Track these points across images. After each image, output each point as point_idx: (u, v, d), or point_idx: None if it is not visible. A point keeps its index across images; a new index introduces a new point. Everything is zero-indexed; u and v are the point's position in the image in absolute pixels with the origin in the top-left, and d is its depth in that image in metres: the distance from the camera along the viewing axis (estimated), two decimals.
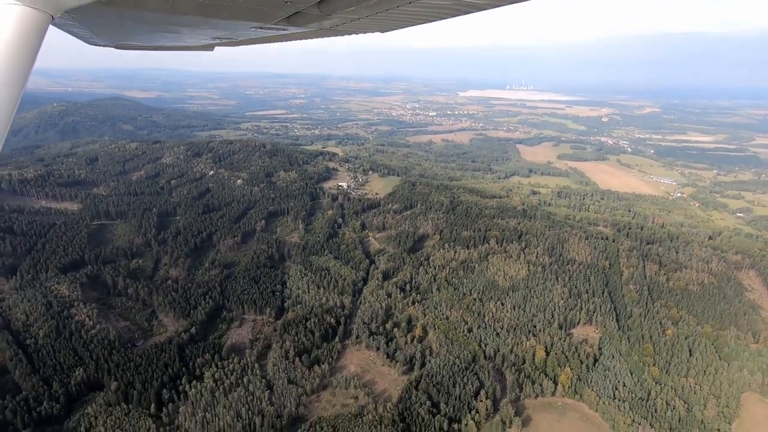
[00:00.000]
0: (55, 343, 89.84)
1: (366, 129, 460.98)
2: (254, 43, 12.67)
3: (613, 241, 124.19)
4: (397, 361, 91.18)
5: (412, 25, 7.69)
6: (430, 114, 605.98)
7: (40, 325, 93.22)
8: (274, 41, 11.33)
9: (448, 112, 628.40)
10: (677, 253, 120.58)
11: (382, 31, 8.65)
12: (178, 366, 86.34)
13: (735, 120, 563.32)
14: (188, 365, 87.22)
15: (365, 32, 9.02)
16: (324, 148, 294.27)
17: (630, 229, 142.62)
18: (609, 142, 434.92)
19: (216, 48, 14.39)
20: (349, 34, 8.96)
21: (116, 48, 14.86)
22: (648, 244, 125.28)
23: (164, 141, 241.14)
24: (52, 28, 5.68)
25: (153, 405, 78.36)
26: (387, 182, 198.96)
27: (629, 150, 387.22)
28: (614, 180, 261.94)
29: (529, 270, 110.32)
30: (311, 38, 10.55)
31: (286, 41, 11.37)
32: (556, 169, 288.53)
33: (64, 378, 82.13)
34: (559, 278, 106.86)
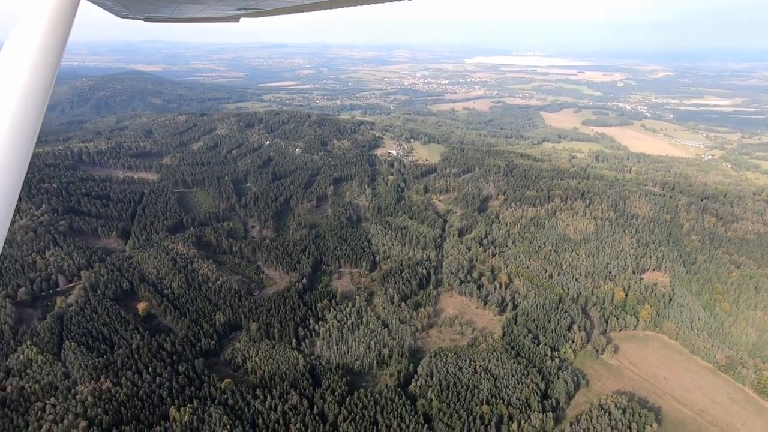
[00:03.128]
0: (188, 292, 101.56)
1: (384, 99, 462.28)
2: (279, 14, 12.36)
3: (671, 198, 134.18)
4: (491, 304, 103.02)
5: None
6: (443, 82, 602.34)
7: (171, 278, 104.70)
8: (300, 11, 10.99)
9: (460, 80, 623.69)
10: (731, 206, 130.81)
11: None
12: (304, 309, 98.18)
13: (752, 83, 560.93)
14: (311, 309, 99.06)
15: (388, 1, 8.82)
16: (353, 117, 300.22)
17: (673, 188, 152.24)
18: (627, 107, 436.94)
19: (241, 19, 14.15)
20: (374, 2, 8.82)
21: (145, 20, 14.81)
22: (702, 199, 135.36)
23: (211, 113, 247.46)
24: (83, 3, 5.56)
25: (294, 340, 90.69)
26: (431, 149, 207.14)
27: (648, 115, 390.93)
28: (643, 144, 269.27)
29: (596, 224, 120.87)
30: (336, 7, 10.15)
31: (312, 11, 10.99)
32: (585, 135, 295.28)
33: (209, 320, 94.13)
34: (626, 231, 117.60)
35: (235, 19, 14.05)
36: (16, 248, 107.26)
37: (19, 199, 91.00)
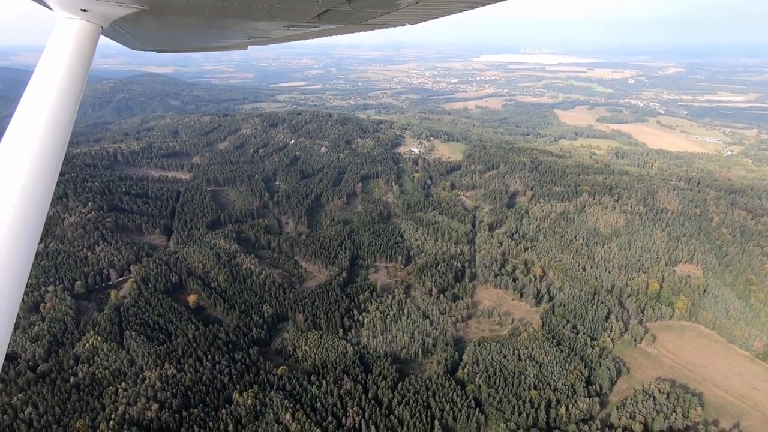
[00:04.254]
0: (234, 285, 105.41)
1: (396, 98, 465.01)
2: (287, 41, 12.38)
3: (698, 192, 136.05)
4: (527, 296, 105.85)
5: (442, 16, 7.63)
6: (452, 81, 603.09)
7: (217, 271, 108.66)
8: (306, 38, 11.13)
9: (470, 79, 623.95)
10: (760, 200, 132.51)
11: (413, 24, 8.52)
12: (347, 301, 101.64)
13: (765, 78, 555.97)
14: (353, 300, 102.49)
15: (395, 26, 8.85)
16: (369, 117, 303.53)
17: (698, 183, 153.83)
18: (639, 104, 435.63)
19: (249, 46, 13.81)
20: (380, 28, 8.84)
21: (158, 51, 15.24)
22: (730, 193, 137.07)
23: (234, 114, 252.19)
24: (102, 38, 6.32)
25: (341, 330, 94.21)
26: (451, 147, 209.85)
27: (662, 111, 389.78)
28: (661, 141, 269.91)
29: (626, 218, 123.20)
30: (343, 33, 10.37)
31: (318, 38, 11.21)
32: (601, 132, 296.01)
33: (257, 312, 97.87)
34: (657, 224, 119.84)
35: (243, 47, 14.21)
36: (68, 244, 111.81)
37: (67, 197, 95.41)
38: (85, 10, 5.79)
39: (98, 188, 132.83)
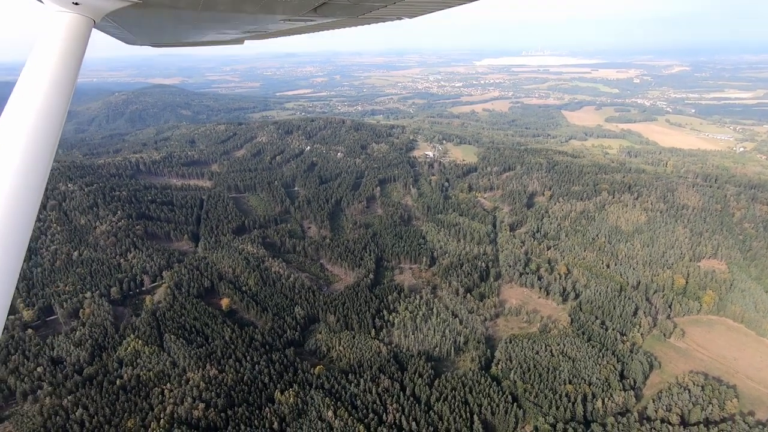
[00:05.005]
0: (264, 289, 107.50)
1: (403, 102, 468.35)
2: (283, 35, 12.61)
3: (718, 188, 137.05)
4: (553, 293, 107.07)
5: (439, 9, 7.70)
6: (457, 85, 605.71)
7: (247, 276, 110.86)
8: (302, 32, 11.43)
9: (474, 82, 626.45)
10: None
11: (409, 17, 8.61)
12: (376, 302, 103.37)
13: None
14: (382, 301, 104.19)
15: (392, 19, 8.96)
16: (378, 122, 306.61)
17: (716, 180, 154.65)
18: (646, 103, 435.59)
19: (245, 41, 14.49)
20: (377, 22, 8.87)
21: (153, 46, 15.26)
22: (750, 189, 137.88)
23: (248, 123, 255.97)
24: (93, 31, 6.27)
25: (373, 330, 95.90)
26: (464, 150, 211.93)
27: (669, 110, 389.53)
28: (672, 139, 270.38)
29: (647, 215, 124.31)
30: (339, 28, 10.35)
31: (314, 32, 11.46)
32: (610, 132, 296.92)
33: (289, 314, 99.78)
34: (678, 221, 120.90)
35: (239, 41, 14.44)
36: (101, 252, 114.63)
37: (97, 206, 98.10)
38: (76, 4, 5.77)
39: (125, 197, 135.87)
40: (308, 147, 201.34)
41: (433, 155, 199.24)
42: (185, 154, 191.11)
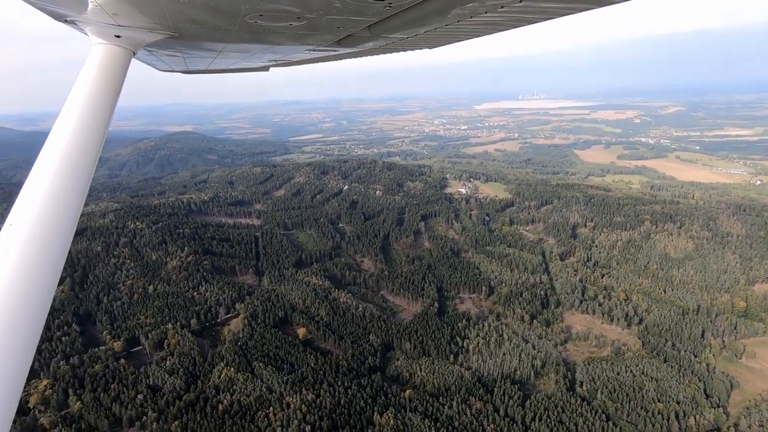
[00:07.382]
0: (335, 318, 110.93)
1: (416, 145, 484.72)
2: (306, 63, 13.38)
3: (757, 216, 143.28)
4: (616, 318, 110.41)
5: (461, 41, 8.03)
6: (462, 128, 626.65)
7: (317, 306, 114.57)
8: (325, 60, 11.95)
9: (479, 125, 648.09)
10: None
11: (431, 48, 9.00)
12: (448, 329, 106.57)
13: (766, 113, 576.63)
14: (453, 328, 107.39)
15: (414, 49, 9.35)
16: (404, 162, 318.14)
17: (746, 210, 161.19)
18: (651, 141, 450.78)
19: (271, 69, 15.30)
20: (399, 51, 9.34)
21: (184, 73, 16.48)
22: None
23: (281, 165, 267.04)
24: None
25: (452, 355, 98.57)
26: (492, 187, 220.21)
27: (675, 148, 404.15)
28: (687, 174, 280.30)
29: (694, 243, 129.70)
30: (361, 57, 10.84)
31: (337, 60, 11.99)
32: (626, 168, 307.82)
33: (366, 341, 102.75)
34: (726, 247, 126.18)
35: (264, 69, 15.03)
36: (174, 285, 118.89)
37: (165, 243, 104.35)
38: (118, 36, 6.08)
39: (189, 234, 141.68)
40: (346, 186, 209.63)
41: (466, 192, 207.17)
42: (229, 195, 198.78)
